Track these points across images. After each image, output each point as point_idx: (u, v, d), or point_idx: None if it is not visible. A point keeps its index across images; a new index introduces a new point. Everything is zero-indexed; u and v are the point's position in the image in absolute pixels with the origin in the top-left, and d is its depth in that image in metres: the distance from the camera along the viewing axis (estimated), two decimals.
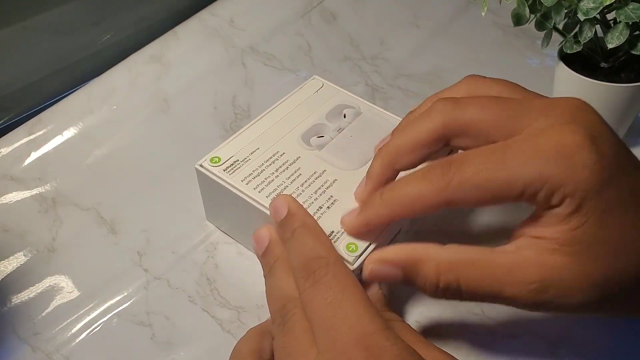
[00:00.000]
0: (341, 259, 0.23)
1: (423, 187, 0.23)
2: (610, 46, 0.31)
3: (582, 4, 0.31)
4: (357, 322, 0.20)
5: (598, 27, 0.34)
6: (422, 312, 0.31)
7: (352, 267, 0.26)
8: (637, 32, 0.32)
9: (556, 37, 0.36)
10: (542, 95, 0.26)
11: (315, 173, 0.30)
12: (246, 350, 0.25)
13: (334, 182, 0.30)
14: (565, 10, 0.33)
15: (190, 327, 0.30)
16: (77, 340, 0.30)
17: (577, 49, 0.33)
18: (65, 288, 0.32)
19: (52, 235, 0.34)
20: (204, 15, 0.47)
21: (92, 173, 0.38)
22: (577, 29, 0.34)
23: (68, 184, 0.37)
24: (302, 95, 0.35)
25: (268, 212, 0.27)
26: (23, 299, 0.31)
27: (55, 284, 0.32)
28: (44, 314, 0.31)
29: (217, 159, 0.31)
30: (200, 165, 0.31)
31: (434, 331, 0.30)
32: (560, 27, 0.35)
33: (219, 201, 0.32)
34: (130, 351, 0.29)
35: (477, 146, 0.23)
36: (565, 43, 0.34)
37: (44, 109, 0.40)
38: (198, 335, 0.30)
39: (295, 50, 0.47)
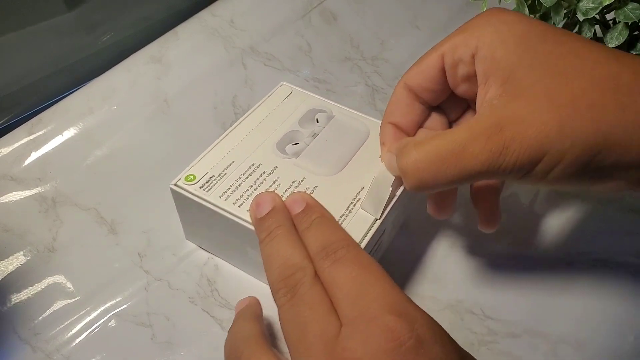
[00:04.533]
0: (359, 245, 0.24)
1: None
2: (609, 46, 0.31)
3: (581, 4, 0.31)
4: (384, 293, 0.21)
5: (597, 27, 0.34)
6: None
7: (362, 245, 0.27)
8: (636, 32, 0.32)
9: None
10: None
11: (294, 182, 0.29)
12: (249, 333, 0.24)
13: (314, 189, 0.29)
14: (565, 11, 0.33)
15: (191, 327, 0.30)
16: (78, 341, 0.30)
17: None
18: (66, 288, 0.32)
19: (52, 235, 0.34)
20: (204, 15, 0.47)
21: (92, 173, 0.38)
22: (576, 29, 0.34)
23: (68, 184, 0.37)
24: (272, 103, 0.34)
25: (250, 227, 0.27)
26: (23, 299, 0.31)
27: (56, 284, 0.32)
28: (44, 314, 0.31)
29: (192, 177, 0.30)
30: (175, 185, 0.30)
31: None
32: (560, 27, 0.35)
33: (198, 220, 0.31)
34: (130, 351, 0.29)
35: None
36: None
37: (44, 109, 0.40)
38: (198, 335, 0.30)
39: (295, 50, 0.47)
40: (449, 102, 0.29)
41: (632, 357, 0.29)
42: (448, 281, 0.32)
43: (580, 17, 0.31)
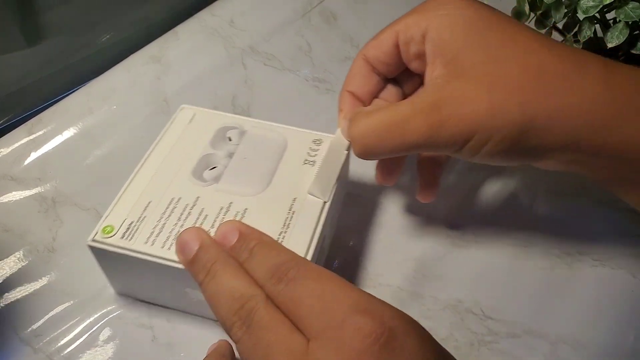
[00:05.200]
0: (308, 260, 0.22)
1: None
2: (610, 45, 0.31)
3: (582, 2, 0.31)
4: (345, 296, 0.20)
5: (598, 27, 0.34)
6: (422, 311, 0.31)
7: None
8: (636, 32, 0.32)
9: (556, 38, 0.36)
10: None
11: (222, 209, 0.28)
12: None
13: (244, 211, 0.28)
14: (565, 10, 0.33)
15: (191, 328, 0.30)
16: (79, 342, 0.30)
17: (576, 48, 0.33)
18: (66, 289, 0.32)
19: (52, 236, 0.34)
20: (204, 15, 0.47)
21: (92, 173, 0.38)
22: (576, 29, 0.34)
23: (68, 184, 0.37)
24: (177, 130, 0.32)
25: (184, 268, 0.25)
26: (24, 300, 0.31)
27: (56, 284, 0.32)
28: (45, 315, 0.31)
29: (109, 228, 0.27)
30: (93, 241, 0.27)
31: (433, 331, 0.30)
32: (560, 26, 0.35)
33: (127, 272, 0.28)
34: (131, 353, 0.29)
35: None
36: (565, 42, 0.34)
37: (44, 109, 0.40)
38: (199, 337, 0.30)
39: (295, 50, 0.47)
40: (404, 75, 0.30)
41: (632, 357, 0.29)
42: (448, 281, 0.32)
43: (581, 16, 0.31)
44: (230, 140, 0.31)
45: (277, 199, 0.28)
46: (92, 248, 0.27)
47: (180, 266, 0.25)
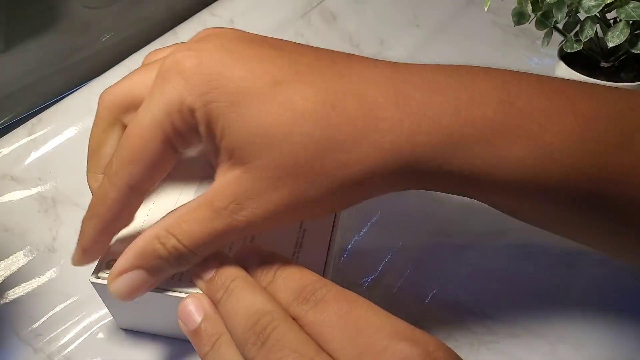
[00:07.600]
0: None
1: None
2: (610, 45, 0.31)
3: (584, 1, 0.31)
4: (385, 322, 0.19)
5: (598, 26, 0.34)
6: (422, 311, 0.31)
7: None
8: (637, 32, 0.32)
9: (556, 38, 0.36)
10: None
11: None
12: None
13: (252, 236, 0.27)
14: (567, 10, 0.33)
15: None
16: (79, 342, 0.30)
17: (577, 48, 0.33)
18: (67, 289, 0.32)
19: (52, 235, 0.34)
20: (204, 15, 0.47)
21: None
22: (577, 28, 0.34)
23: (68, 183, 0.37)
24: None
25: (199, 292, 0.24)
26: (24, 299, 0.31)
27: (56, 284, 0.32)
28: (45, 315, 0.31)
29: (113, 262, 0.25)
30: (97, 277, 0.25)
31: (433, 331, 0.30)
32: (561, 26, 0.35)
33: (134, 307, 0.26)
34: (131, 353, 0.29)
35: None
36: (565, 42, 0.34)
37: (44, 109, 0.40)
38: None
39: None
40: None
41: (632, 357, 0.29)
42: (448, 281, 0.32)
43: (583, 15, 0.31)
44: None
45: None
46: (96, 285, 0.25)
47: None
